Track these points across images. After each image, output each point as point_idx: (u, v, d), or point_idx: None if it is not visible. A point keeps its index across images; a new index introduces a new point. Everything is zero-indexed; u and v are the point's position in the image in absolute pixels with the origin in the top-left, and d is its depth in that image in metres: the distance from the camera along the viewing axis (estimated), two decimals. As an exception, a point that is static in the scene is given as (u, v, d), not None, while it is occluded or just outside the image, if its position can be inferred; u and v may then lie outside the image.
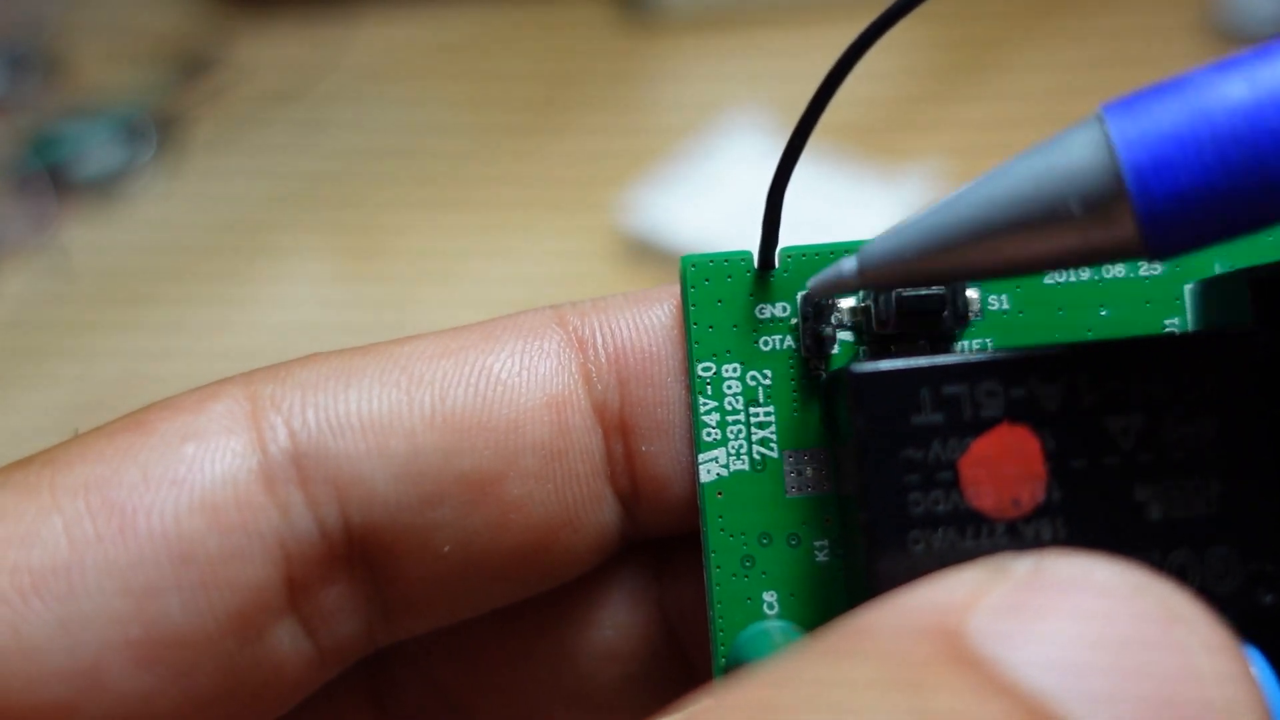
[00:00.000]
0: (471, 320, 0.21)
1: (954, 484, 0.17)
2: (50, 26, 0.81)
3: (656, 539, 0.22)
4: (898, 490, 0.17)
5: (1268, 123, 0.15)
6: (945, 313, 0.19)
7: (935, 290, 0.19)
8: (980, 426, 0.17)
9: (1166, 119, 0.15)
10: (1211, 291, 0.20)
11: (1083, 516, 0.17)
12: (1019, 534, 0.17)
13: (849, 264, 0.18)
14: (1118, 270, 0.20)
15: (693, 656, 0.22)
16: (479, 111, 0.76)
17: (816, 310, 0.20)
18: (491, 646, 0.22)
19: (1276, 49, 0.15)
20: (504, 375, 0.20)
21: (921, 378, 0.18)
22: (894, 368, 0.18)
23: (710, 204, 0.63)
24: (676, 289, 0.21)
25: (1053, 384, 0.18)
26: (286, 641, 0.20)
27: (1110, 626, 0.14)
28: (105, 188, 0.72)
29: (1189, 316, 0.20)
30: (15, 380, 0.63)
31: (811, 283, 0.19)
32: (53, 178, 0.71)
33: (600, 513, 0.20)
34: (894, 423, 0.18)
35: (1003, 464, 0.17)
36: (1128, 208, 0.16)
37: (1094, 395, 0.18)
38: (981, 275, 0.17)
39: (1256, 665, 0.16)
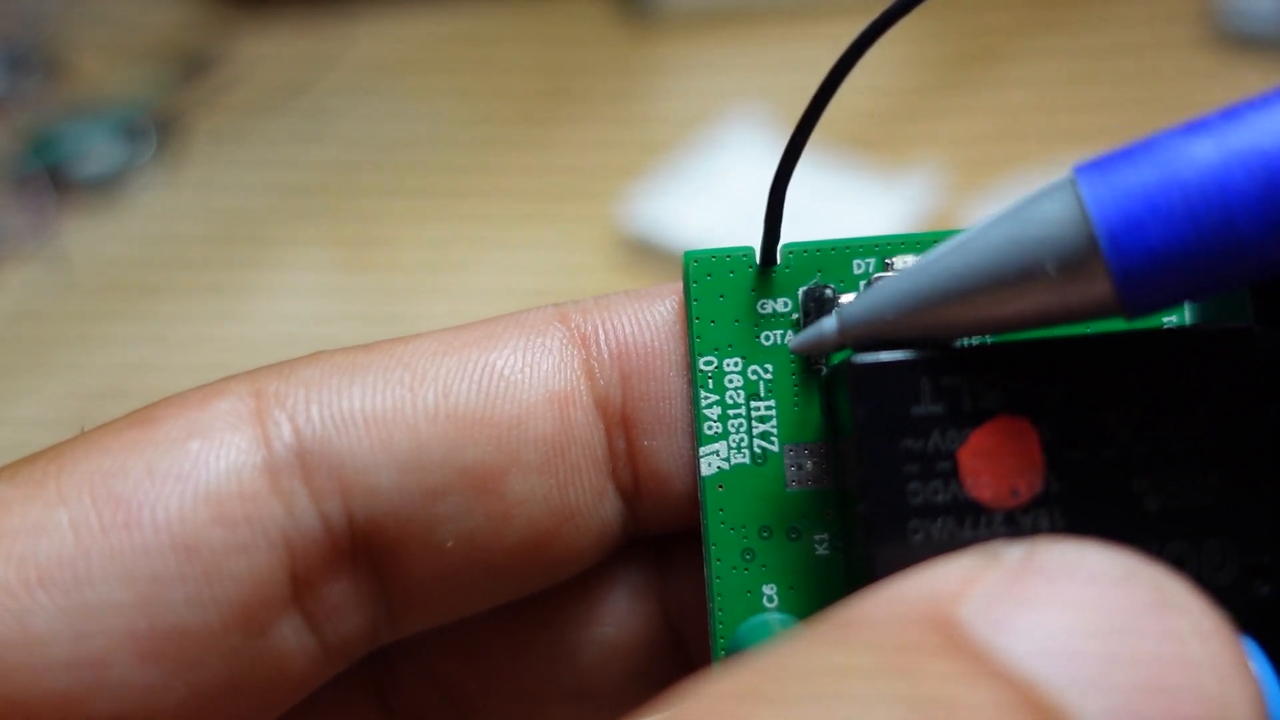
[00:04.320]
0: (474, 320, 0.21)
1: (953, 474, 0.18)
2: (50, 26, 0.81)
3: (658, 536, 0.22)
4: (897, 480, 0.18)
5: (1235, 184, 0.15)
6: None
7: None
8: (979, 417, 0.18)
9: (1137, 179, 0.16)
10: None
11: (1080, 507, 0.17)
12: (1017, 524, 0.17)
13: (829, 324, 0.19)
14: None
15: (693, 653, 0.22)
16: (479, 112, 0.76)
17: (818, 305, 0.20)
18: (493, 643, 0.22)
19: (1243, 112, 0.16)
20: (507, 371, 0.20)
21: (921, 369, 0.18)
22: (894, 359, 0.18)
23: (711, 203, 0.63)
24: (678, 286, 0.21)
25: (1052, 376, 0.18)
26: (291, 637, 0.20)
27: (1102, 611, 0.14)
28: (105, 188, 0.72)
29: (1187, 314, 0.20)
30: (15, 380, 0.63)
31: (793, 343, 0.20)
32: (52, 178, 0.71)
33: (602, 507, 0.21)
34: (894, 413, 0.18)
35: (1001, 455, 0.18)
36: (1102, 267, 0.16)
37: (1092, 387, 0.18)
38: (961, 334, 0.18)
39: (1253, 658, 0.16)
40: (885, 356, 0.18)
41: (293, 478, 0.19)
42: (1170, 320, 0.20)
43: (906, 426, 0.18)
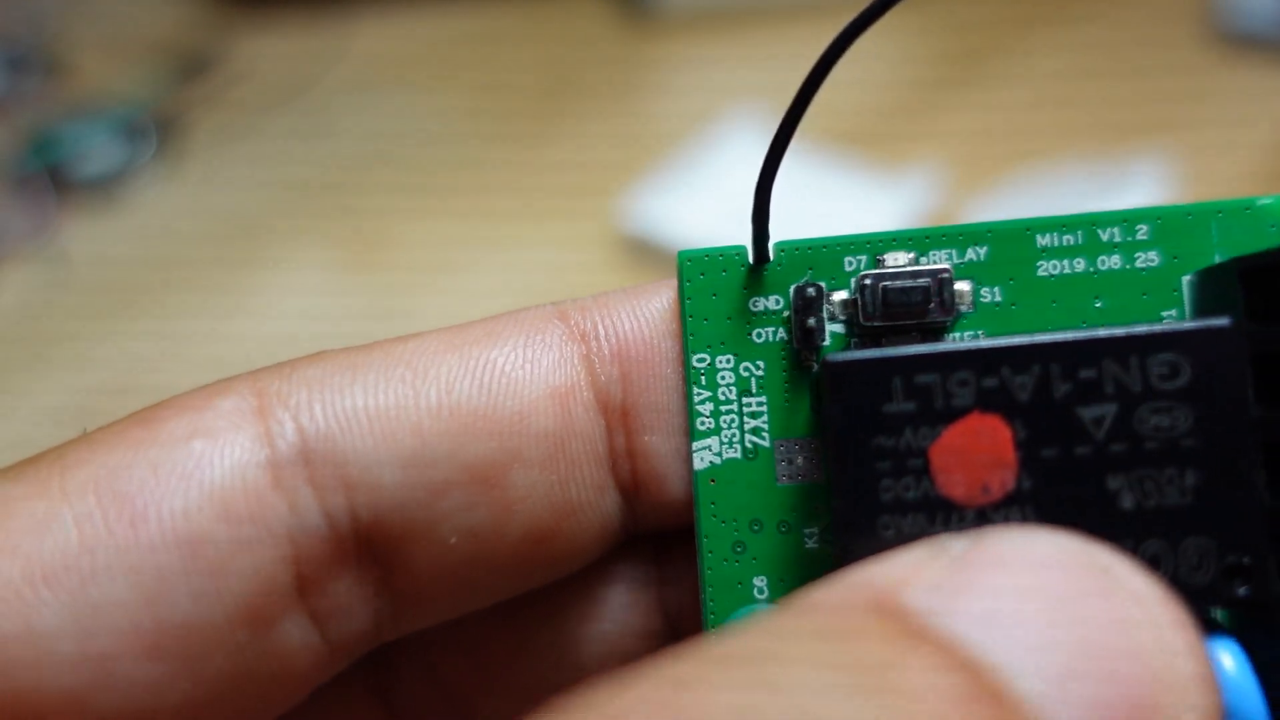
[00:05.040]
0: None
1: (924, 471, 0.18)
2: (50, 26, 0.81)
3: (656, 534, 0.22)
4: (869, 477, 0.18)
5: None
6: (931, 305, 0.20)
7: (920, 283, 0.20)
8: (952, 415, 0.18)
9: None
10: (1209, 282, 0.20)
11: (1053, 504, 0.18)
12: (988, 520, 0.18)
13: None
14: (1114, 262, 0.20)
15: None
16: (478, 112, 0.76)
17: (808, 303, 0.20)
18: (493, 640, 0.22)
19: None
20: (508, 368, 0.20)
21: (894, 367, 0.18)
22: (867, 357, 0.18)
23: (709, 203, 0.63)
24: (675, 282, 0.21)
25: (1025, 374, 0.18)
26: (295, 634, 0.20)
27: (1041, 584, 0.15)
28: (105, 188, 0.72)
29: (1187, 308, 0.20)
30: (15, 380, 0.63)
31: None
32: (53, 178, 0.72)
33: (602, 502, 0.21)
34: (866, 411, 0.18)
35: (973, 452, 0.18)
36: None
37: (1067, 386, 0.18)
38: None
39: (1234, 657, 0.16)
40: (858, 355, 0.18)
41: (296, 475, 0.19)
42: (1170, 315, 0.20)
43: (879, 424, 0.18)
